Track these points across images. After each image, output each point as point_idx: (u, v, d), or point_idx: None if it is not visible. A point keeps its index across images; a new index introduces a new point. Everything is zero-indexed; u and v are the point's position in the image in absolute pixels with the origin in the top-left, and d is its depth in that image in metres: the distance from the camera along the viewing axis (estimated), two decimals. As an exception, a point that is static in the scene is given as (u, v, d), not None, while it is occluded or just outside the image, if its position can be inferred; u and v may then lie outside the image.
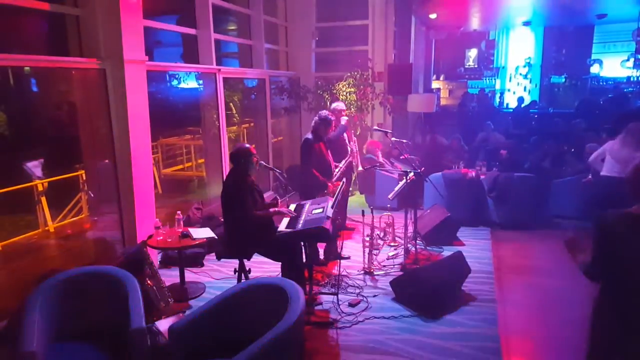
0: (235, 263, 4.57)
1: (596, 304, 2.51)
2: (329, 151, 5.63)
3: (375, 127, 7.11)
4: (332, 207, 4.34)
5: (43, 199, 7.24)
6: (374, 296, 4.78)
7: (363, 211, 5.47)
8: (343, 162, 5.78)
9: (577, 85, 16.09)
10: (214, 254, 5.77)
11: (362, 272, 5.35)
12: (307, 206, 4.62)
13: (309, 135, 5.48)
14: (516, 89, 16.72)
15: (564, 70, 16.59)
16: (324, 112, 5.59)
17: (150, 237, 4.81)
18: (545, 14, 13.36)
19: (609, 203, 2.50)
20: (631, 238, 2.30)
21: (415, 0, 9.88)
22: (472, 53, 17.00)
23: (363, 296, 4.77)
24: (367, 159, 7.62)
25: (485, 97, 14.80)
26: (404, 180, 5.62)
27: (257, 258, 4.51)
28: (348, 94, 8.75)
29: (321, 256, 5.59)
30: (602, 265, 2.39)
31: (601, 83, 15.70)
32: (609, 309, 2.44)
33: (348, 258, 5.65)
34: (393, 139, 6.24)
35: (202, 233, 4.89)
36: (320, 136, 5.50)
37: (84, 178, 7.44)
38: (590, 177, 6.23)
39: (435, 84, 15.93)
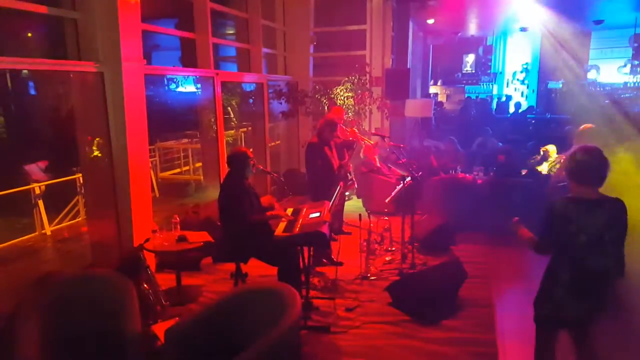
0: (231, 267, 4.57)
1: (545, 278, 3.02)
2: (333, 152, 5.64)
3: (373, 132, 7.13)
4: (329, 211, 4.34)
5: (40, 202, 7.23)
6: (371, 301, 4.77)
7: (360, 215, 5.47)
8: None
9: (574, 91, 16.13)
10: (210, 257, 5.79)
11: (359, 276, 5.34)
12: (304, 210, 4.62)
13: (314, 140, 5.50)
14: (513, 94, 16.77)
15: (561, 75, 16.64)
16: (330, 116, 5.62)
17: (147, 240, 4.79)
18: (543, 20, 13.41)
19: None
20: (575, 219, 2.76)
21: (413, 5, 9.91)
22: (470, 58, 17.05)
23: (360, 301, 4.76)
24: (364, 163, 7.62)
25: (484, 103, 14.84)
26: (401, 185, 5.63)
27: (253, 262, 4.50)
28: (346, 99, 8.77)
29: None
30: (549, 241, 2.91)
31: (598, 89, 15.74)
32: (556, 282, 2.92)
33: (341, 264, 5.59)
34: (390, 143, 6.26)
35: (199, 237, 4.89)
36: (326, 139, 5.52)
37: (81, 181, 7.44)
38: None
39: (432, 89, 15.97)
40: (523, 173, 7.55)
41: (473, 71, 17.08)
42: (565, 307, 2.90)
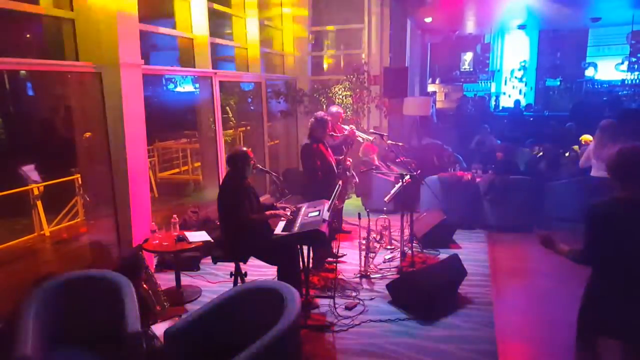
0: (231, 266, 4.57)
1: (589, 285, 2.74)
2: (329, 150, 5.64)
3: (372, 130, 7.13)
4: (328, 210, 4.34)
5: (39, 203, 7.21)
6: (371, 299, 4.78)
7: (359, 214, 5.47)
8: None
9: (572, 89, 16.18)
10: (210, 257, 5.78)
11: (359, 275, 5.34)
12: (303, 209, 4.62)
13: (307, 140, 5.49)
14: (511, 92, 16.80)
15: (559, 73, 16.68)
16: (320, 113, 5.60)
17: (146, 240, 4.80)
18: (540, 17, 13.43)
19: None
20: (621, 221, 2.53)
21: (410, 3, 9.91)
22: (468, 56, 17.06)
23: (359, 299, 4.76)
24: (363, 162, 7.62)
25: (481, 100, 14.87)
26: (400, 183, 5.63)
27: (253, 261, 4.51)
28: (344, 98, 8.77)
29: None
30: (596, 250, 2.61)
31: (596, 86, 15.79)
32: (602, 290, 2.67)
33: (344, 255, 5.60)
34: (389, 141, 6.26)
35: (198, 236, 4.89)
36: (319, 138, 5.51)
37: (80, 182, 7.43)
38: None
39: (431, 87, 15.99)
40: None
41: (471, 69, 17.11)
42: (613, 319, 2.64)
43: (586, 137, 7.59)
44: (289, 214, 4.54)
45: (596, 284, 2.72)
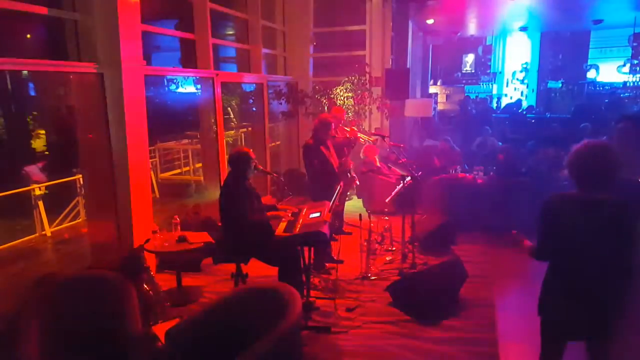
0: (232, 267, 4.57)
1: (545, 281, 2.74)
2: (331, 151, 5.64)
3: (373, 132, 7.13)
4: (329, 211, 4.34)
5: (40, 204, 7.23)
6: (372, 301, 4.77)
7: (360, 215, 5.47)
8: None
9: (574, 91, 16.16)
10: (211, 258, 5.79)
11: (360, 276, 5.34)
12: (304, 210, 4.61)
13: (310, 140, 5.51)
14: (513, 93, 16.80)
15: (560, 75, 16.67)
16: (324, 115, 5.62)
17: (147, 241, 4.80)
18: (542, 19, 13.43)
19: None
20: (575, 220, 2.46)
21: (412, 5, 9.92)
22: (469, 58, 17.05)
23: (360, 301, 4.76)
24: (364, 163, 7.62)
25: (483, 102, 14.86)
26: (401, 184, 5.63)
27: (254, 262, 4.51)
28: (345, 99, 8.77)
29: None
30: (547, 246, 2.60)
31: (598, 88, 15.76)
32: (556, 285, 2.66)
33: (341, 262, 5.61)
34: (390, 143, 6.27)
35: (200, 237, 4.89)
36: (322, 139, 5.53)
37: (81, 182, 7.45)
38: None
39: (432, 89, 15.98)
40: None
41: (473, 71, 17.08)
42: (567, 316, 2.61)
43: None
44: (290, 215, 4.54)
45: (548, 283, 2.72)
